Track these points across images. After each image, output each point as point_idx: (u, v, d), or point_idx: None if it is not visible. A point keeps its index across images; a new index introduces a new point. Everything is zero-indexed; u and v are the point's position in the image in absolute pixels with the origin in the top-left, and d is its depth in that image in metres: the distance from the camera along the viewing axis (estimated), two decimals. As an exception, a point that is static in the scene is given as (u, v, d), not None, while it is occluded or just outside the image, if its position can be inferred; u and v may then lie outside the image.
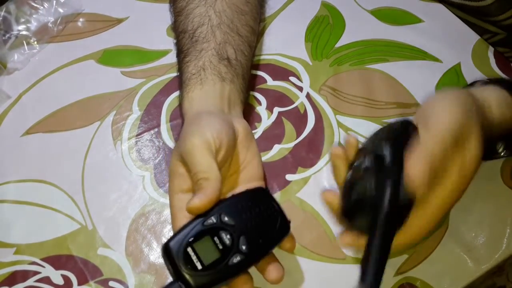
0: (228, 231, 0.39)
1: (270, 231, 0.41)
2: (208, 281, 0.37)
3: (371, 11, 0.67)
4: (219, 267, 0.38)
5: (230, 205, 0.40)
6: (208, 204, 0.39)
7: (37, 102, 0.57)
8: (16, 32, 0.62)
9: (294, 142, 0.55)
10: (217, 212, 0.39)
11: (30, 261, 0.47)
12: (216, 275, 0.37)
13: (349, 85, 0.59)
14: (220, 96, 0.48)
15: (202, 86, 0.48)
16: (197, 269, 0.37)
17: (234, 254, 0.38)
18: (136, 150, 0.54)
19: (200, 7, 0.54)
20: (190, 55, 0.51)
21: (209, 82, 0.49)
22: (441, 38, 0.64)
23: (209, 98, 0.48)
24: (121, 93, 0.58)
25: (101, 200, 0.51)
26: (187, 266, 0.37)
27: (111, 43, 0.63)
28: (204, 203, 0.39)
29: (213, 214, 0.39)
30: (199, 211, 0.39)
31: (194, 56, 0.51)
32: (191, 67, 0.50)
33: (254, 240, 0.39)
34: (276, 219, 0.41)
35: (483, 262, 0.48)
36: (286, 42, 0.63)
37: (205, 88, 0.48)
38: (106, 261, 0.47)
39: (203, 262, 0.37)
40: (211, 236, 0.38)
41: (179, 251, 0.37)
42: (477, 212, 0.51)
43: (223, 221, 0.39)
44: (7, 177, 0.52)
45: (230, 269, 0.38)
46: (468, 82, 0.59)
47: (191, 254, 0.37)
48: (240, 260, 0.38)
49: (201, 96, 0.48)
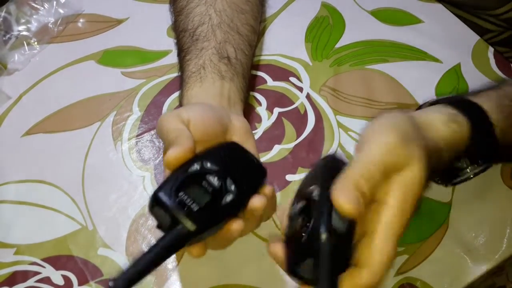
0: (214, 175, 0.38)
1: (251, 174, 0.41)
2: (207, 221, 0.37)
3: (371, 11, 0.67)
4: (214, 207, 0.37)
5: (209, 153, 0.40)
6: (184, 155, 0.38)
7: (38, 103, 0.57)
8: (17, 32, 0.62)
9: (294, 143, 0.55)
10: (198, 160, 0.39)
11: (30, 261, 0.47)
12: (214, 215, 0.37)
13: (349, 86, 0.59)
14: (220, 93, 0.48)
15: (201, 83, 0.48)
16: (194, 211, 0.36)
17: (225, 194, 0.38)
18: (137, 150, 0.54)
19: (201, 6, 0.54)
20: (191, 54, 0.51)
21: (208, 80, 0.49)
22: (441, 38, 0.64)
23: (208, 95, 0.48)
24: (122, 94, 0.58)
25: (101, 200, 0.51)
26: (183, 209, 0.36)
27: (111, 43, 0.63)
28: (180, 153, 0.38)
29: (195, 161, 0.39)
30: (177, 162, 0.38)
31: (195, 55, 0.51)
32: (191, 65, 0.50)
33: (240, 181, 0.39)
34: (253, 164, 0.42)
35: (483, 262, 0.48)
36: (286, 42, 0.63)
37: (204, 85, 0.48)
38: (106, 262, 0.47)
39: (198, 204, 0.37)
40: (199, 181, 0.38)
41: (171, 197, 0.36)
42: (477, 212, 0.51)
43: (207, 167, 0.39)
44: (8, 177, 0.52)
45: (225, 209, 0.38)
46: (468, 82, 0.60)
47: (184, 198, 0.37)
48: (233, 199, 0.38)
49: (200, 93, 0.48)
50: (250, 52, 0.55)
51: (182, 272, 0.47)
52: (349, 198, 0.32)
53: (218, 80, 0.49)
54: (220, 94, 0.48)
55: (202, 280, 0.46)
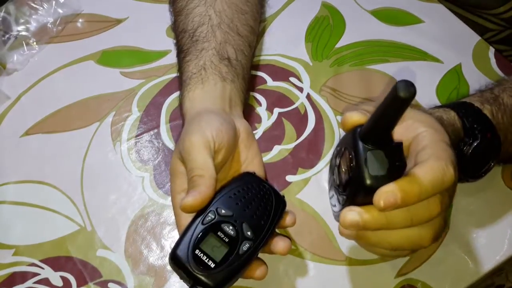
0: (229, 223, 0.39)
1: (268, 210, 0.41)
2: (225, 276, 0.37)
3: (372, 11, 0.67)
4: (231, 259, 0.38)
5: (223, 196, 0.40)
6: (202, 202, 0.39)
7: (37, 103, 0.57)
8: (16, 32, 0.62)
9: (294, 143, 0.55)
10: (213, 207, 0.39)
11: (29, 262, 0.47)
12: (231, 268, 0.38)
13: (350, 86, 0.59)
14: (221, 96, 0.48)
15: (203, 85, 0.48)
16: (211, 268, 0.37)
17: (242, 243, 0.38)
18: (136, 151, 0.54)
19: (200, 7, 0.54)
20: (191, 55, 0.51)
21: (210, 81, 0.48)
22: (442, 38, 0.64)
23: (210, 97, 0.48)
24: (121, 94, 0.58)
25: (100, 201, 0.51)
26: (200, 268, 0.37)
27: (110, 43, 0.62)
28: (197, 200, 0.38)
29: (209, 210, 0.39)
30: (193, 209, 0.39)
31: (195, 56, 0.50)
32: (192, 66, 0.50)
33: (257, 223, 0.39)
34: (271, 197, 0.42)
35: (484, 263, 0.48)
36: (286, 42, 0.63)
37: (206, 87, 0.48)
38: (105, 263, 0.47)
39: (214, 260, 0.37)
40: (215, 232, 0.38)
41: (188, 256, 0.37)
42: (478, 213, 0.50)
43: (221, 214, 0.39)
44: (6, 178, 0.52)
45: (243, 258, 0.38)
46: (469, 82, 0.60)
47: (200, 255, 0.37)
48: (249, 246, 0.38)
49: (202, 95, 0.48)
50: (249, 53, 0.55)
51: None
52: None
53: (219, 81, 0.49)
54: (222, 96, 0.48)
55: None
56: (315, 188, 0.51)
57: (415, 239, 0.37)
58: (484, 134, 0.44)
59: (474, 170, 0.46)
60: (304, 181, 0.52)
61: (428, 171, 0.34)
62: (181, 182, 0.42)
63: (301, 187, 0.52)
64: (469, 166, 0.45)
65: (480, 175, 0.47)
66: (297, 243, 0.48)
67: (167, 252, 0.47)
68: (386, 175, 0.34)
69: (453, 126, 0.44)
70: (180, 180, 0.42)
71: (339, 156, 0.39)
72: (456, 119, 0.45)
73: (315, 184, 0.52)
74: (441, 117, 0.44)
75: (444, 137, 0.38)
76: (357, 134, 0.35)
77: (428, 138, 0.37)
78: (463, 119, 0.45)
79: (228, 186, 0.42)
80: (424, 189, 0.34)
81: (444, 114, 0.44)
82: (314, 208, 0.50)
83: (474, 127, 0.44)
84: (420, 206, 0.35)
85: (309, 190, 0.51)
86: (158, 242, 0.48)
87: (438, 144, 0.37)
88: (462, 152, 0.45)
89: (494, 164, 0.46)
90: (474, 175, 0.47)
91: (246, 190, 0.41)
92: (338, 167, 0.38)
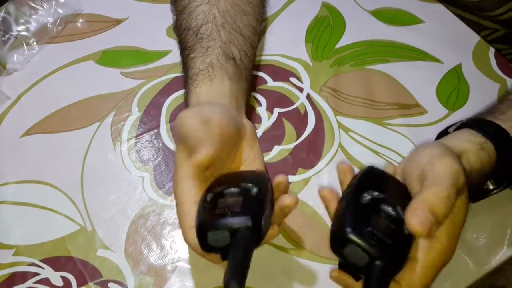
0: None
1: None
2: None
3: (372, 11, 0.67)
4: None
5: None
6: (214, 154, 0.39)
7: (37, 103, 0.57)
8: (16, 32, 0.62)
9: (294, 143, 0.55)
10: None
11: (29, 262, 0.47)
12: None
13: (350, 86, 0.59)
14: (230, 94, 0.48)
15: (211, 82, 0.48)
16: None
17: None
18: (136, 151, 0.54)
19: (203, 5, 0.53)
20: (196, 52, 0.51)
21: (218, 79, 0.48)
22: (442, 38, 0.64)
23: (218, 93, 0.47)
24: (121, 94, 0.58)
25: (100, 201, 0.51)
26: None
27: (110, 43, 0.62)
28: (211, 153, 0.39)
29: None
30: (210, 162, 0.40)
31: (201, 53, 0.50)
32: (198, 63, 0.50)
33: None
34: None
35: (484, 264, 0.48)
36: (287, 42, 0.63)
37: (214, 84, 0.48)
38: (105, 263, 0.47)
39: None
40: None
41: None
42: (478, 214, 0.50)
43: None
44: (6, 178, 0.52)
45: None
46: (469, 82, 0.60)
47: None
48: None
49: (210, 91, 0.48)
50: (252, 54, 0.55)
51: (181, 273, 0.47)
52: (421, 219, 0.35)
53: (226, 80, 0.48)
54: (230, 94, 0.48)
55: (202, 281, 0.46)
56: (315, 188, 0.51)
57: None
58: (508, 185, 0.45)
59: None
60: (304, 181, 0.52)
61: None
62: (184, 170, 0.41)
63: (301, 187, 0.52)
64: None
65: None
66: (297, 243, 0.48)
67: (167, 252, 0.47)
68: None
69: (484, 175, 0.44)
70: (183, 168, 0.42)
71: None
72: (493, 163, 0.43)
73: (315, 184, 0.52)
74: (479, 169, 0.43)
75: (445, 261, 0.38)
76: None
77: (429, 260, 0.37)
78: (500, 170, 0.44)
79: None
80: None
81: (486, 158, 0.43)
82: (314, 208, 0.50)
83: (504, 180, 0.45)
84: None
85: (309, 190, 0.51)
86: (158, 242, 0.48)
87: (428, 276, 0.37)
88: (482, 188, 0.46)
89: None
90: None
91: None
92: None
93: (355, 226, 0.36)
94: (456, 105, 0.58)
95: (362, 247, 0.35)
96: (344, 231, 0.35)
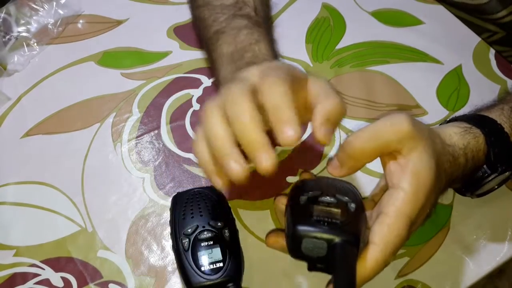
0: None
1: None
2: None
3: (372, 12, 0.67)
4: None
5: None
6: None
7: (37, 104, 0.57)
8: (16, 33, 0.62)
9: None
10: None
11: (29, 263, 0.47)
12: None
13: (350, 87, 0.59)
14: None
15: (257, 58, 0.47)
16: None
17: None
18: (136, 152, 0.54)
19: None
20: (246, 29, 0.50)
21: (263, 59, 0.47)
22: (442, 40, 0.64)
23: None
24: (121, 95, 0.58)
25: (100, 202, 0.51)
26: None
27: (111, 44, 0.62)
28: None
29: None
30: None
31: (245, 33, 0.49)
32: (242, 37, 0.49)
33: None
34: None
35: (485, 265, 0.48)
36: (287, 43, 0.63)
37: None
38: (105, 264, 0.47)
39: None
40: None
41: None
42: (478, 215, 0.51)
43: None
44: (7, 179, 0.52)
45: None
46: (470, 83, 0.60)
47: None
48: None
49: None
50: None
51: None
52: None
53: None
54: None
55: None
56: (315, 189, 0.51)
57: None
58: (504, 170, 0.44)
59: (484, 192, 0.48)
60: (305, 182, 0.52)
61: (372, 261, 0.35)
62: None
63: (301, 188, 0.52)
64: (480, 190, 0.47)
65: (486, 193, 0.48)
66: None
67: (167, 252, 0.47)
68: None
69: (475, 158, 0.43)
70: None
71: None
72: (482, 147, 0.44)
73: (316, 185, 0.52)
74: (465, 147, 0.43)
75: (414, 210, 0.36)
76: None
77: (396, 208, 0.36)
78: (490, 149, 0.43)
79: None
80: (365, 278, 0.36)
81: (472, 140, 0.43)
82: (314, 209, 0.50)
83: (497, 162, 0.44)
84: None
85: (309, 191, 0.51)
86: (158, 243, 0.48)
87: (397, 224, 0.36)
88: (477, 177, 0.45)
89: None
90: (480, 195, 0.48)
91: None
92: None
93: (300, 221, 0.36)
94: (456, 106, 0.58)
95: (315, 236, 0.35)
96: (293, 230, 0.36)
